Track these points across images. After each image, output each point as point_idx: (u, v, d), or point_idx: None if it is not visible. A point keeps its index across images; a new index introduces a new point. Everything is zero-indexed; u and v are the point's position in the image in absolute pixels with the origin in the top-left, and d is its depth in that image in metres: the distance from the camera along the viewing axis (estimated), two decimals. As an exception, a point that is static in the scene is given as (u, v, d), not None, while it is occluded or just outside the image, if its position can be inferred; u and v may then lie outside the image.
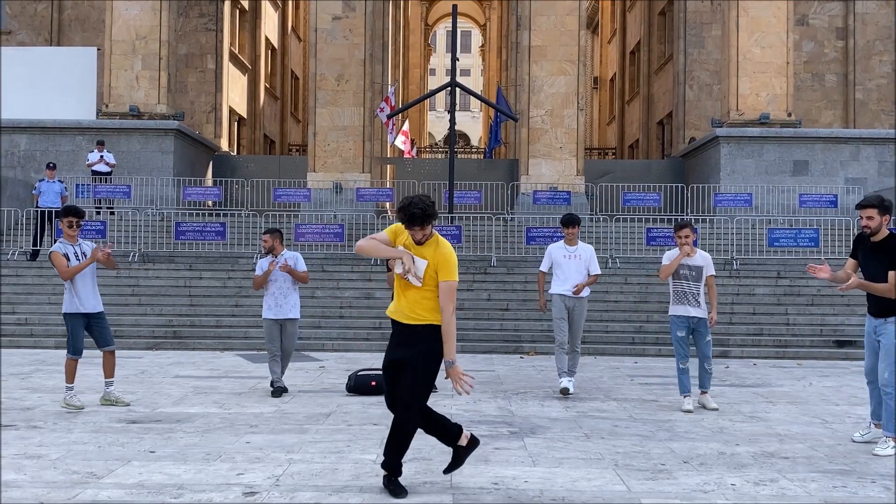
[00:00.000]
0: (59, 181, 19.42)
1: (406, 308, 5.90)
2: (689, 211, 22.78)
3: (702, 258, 9.45)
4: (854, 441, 7.59)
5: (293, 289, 10.31)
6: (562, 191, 22.99)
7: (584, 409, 9.27)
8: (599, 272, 10.41)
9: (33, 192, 19.37)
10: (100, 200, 21.70)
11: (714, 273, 9.58)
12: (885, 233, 7.27)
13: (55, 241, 9.89)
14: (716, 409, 9.22)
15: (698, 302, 9.36)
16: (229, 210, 22.31)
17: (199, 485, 5.97)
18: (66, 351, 9.15)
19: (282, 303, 10.17)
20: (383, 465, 5.94)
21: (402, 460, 5.87)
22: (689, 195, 23.29)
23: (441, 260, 5.81)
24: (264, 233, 10.54)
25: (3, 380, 10.95)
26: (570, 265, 10.18)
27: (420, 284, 5.82)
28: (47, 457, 6.75)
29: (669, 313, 9.56)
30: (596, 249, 18.99)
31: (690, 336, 9.42)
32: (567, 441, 7.58)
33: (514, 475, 6.31)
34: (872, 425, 7.61)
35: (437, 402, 9.52)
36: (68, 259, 8.99)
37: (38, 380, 11.05)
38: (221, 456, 6.85)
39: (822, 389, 11.08)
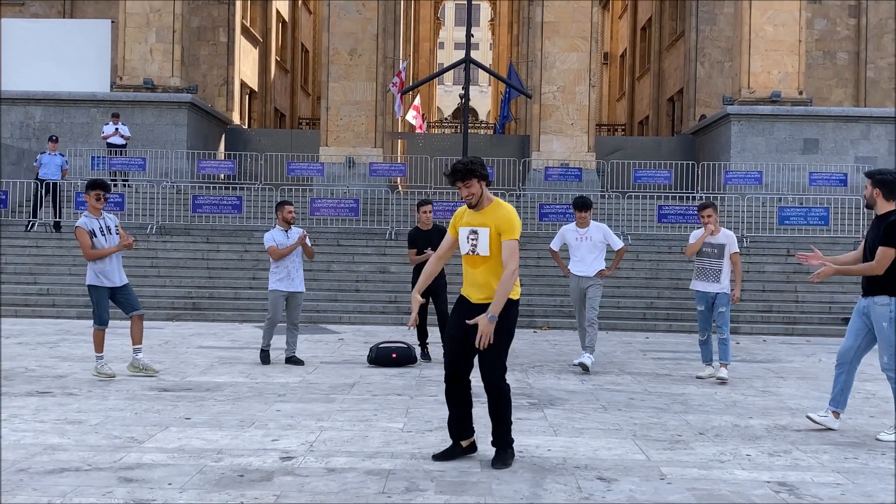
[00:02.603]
0: (60, 154, 19.57)
1: (474, 286, 5.84)
2: (699, 188, 22.93)
3: (725, 236, 9.75)
4: (808, 417, 7.24)
5: (301, 262, 10.54)
6: (573, 167, 23.14)
7: (600, 383, 9.49)
8: (622, 244, 10.60)
9: (35, 164, 19.55)
10: (115, 173, 21.94)
11: (738, 250, 9.85)
12: (883, 207, 6.87)
13: (80, 215, 9.92)
14: (722, 381, 9.50)
15: (718, 278, 9.68)
16: (243, 183, 22.52)
17: (236, 449, 6.15)
18: (91, 321, 9.33)
19: (294, 276, 10.36)
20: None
21: (430, 428, 5.99)
22: (699, 172, 23.42)
23: (502, 220, 5.69)
24: (288, 203, 10.58)
25: (31, 349, 11.23)
26: (583, 247, 10.35)
27: (487, 254, 5.74)
28: (87, 422, 6.95)
29: (690, 287, 10.10)
30: (608, 226, 19.48)
31: (712, 310, 9.81)
32: (585, 412, 7.77)
33: (537, 444, 6.47)
34: (830, 412, 7.15)
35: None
36: (94, 235, 9.06)
37: (65, 349, 11.32)
38: (255, 423, 7.02)
39: (831, 366, 11.03)
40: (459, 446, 6.01)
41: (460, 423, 6.00)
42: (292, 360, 10.38)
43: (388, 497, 5.10)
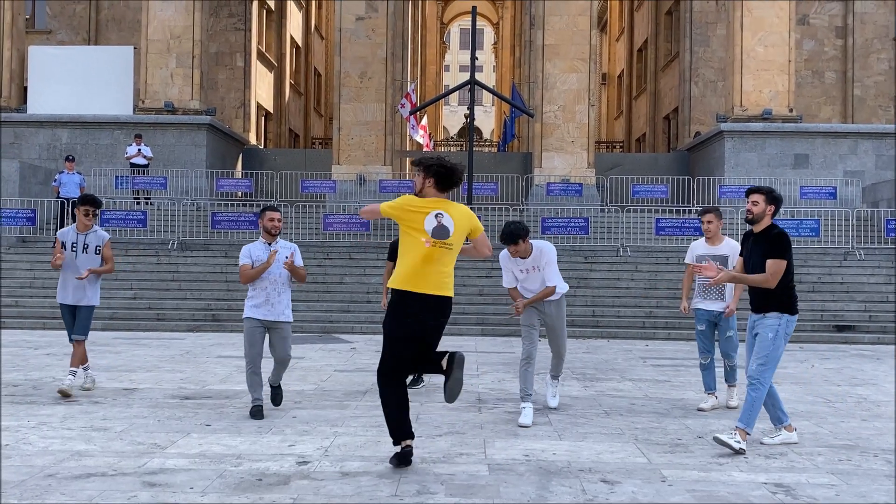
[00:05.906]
0: (77, 173, 20.29)
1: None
2: (695, 202, 23.54)
3: (728, 247, 8.33)
4: (762, 443, 6.90)
5: (288, 285, 7.96)
6: (574, 183, 23.77)
7: (602, 389, 9.70)
8: (554, 284, 7.89)
9: (53, 183, 20.22)
10: (138, 191, 22.72)
11: None
12: (767, 223, 6.77)
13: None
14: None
15: (721, 295, 8.35)
16: (259, 200, 23.26)
17: (255, 454, 6.31)
18: (114, 334, 9.71)
19: (275, 301, 7.82)
20: (408, 440, 5.99)
21: (439, 434, 6.21)
22: (694, 187, 24.04)
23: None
24: (271, 209, 7.91)
25: (59, 359, 11.56)
26: (533, 278, 7.96)
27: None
28: (112, 429, 7.14)
29: (692, 306, 8.60)
30: (607, 239, 20.06)
31: (716, 332, 8.58)
32: (588, 417, 7.96)
33: (543, 448, 6.63)
34: (782, 429, 6.99)
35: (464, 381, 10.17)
36: (64, 247, 8.74)
37: (91, 359, 11.31)
38: (272, 429, 7.18)
39: (823, 371, 11.60)
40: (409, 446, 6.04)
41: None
42: (275, 391, 8.32)
43: (401, 499, 5.20)
